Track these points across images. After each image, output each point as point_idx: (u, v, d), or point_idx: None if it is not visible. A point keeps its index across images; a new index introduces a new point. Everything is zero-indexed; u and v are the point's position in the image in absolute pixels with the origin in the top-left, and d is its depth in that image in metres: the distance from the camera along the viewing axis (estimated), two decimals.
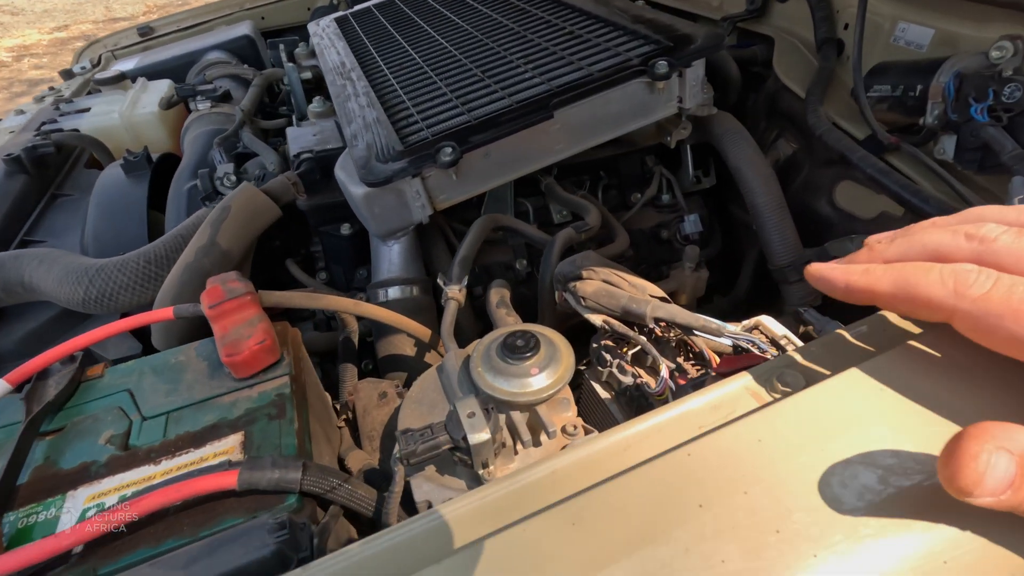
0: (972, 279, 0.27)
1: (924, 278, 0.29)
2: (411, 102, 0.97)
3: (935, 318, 0.29)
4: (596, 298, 0.75)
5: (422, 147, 0.84)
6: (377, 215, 0.85)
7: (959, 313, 0.27)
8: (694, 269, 1.06)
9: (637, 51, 0.94)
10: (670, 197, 1.27)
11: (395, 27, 1.37)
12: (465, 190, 0.90)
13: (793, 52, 1.19)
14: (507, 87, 0.94)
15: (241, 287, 0.68)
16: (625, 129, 0.94)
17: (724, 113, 1.12)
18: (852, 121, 1.01)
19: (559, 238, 0.91)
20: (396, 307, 0.90)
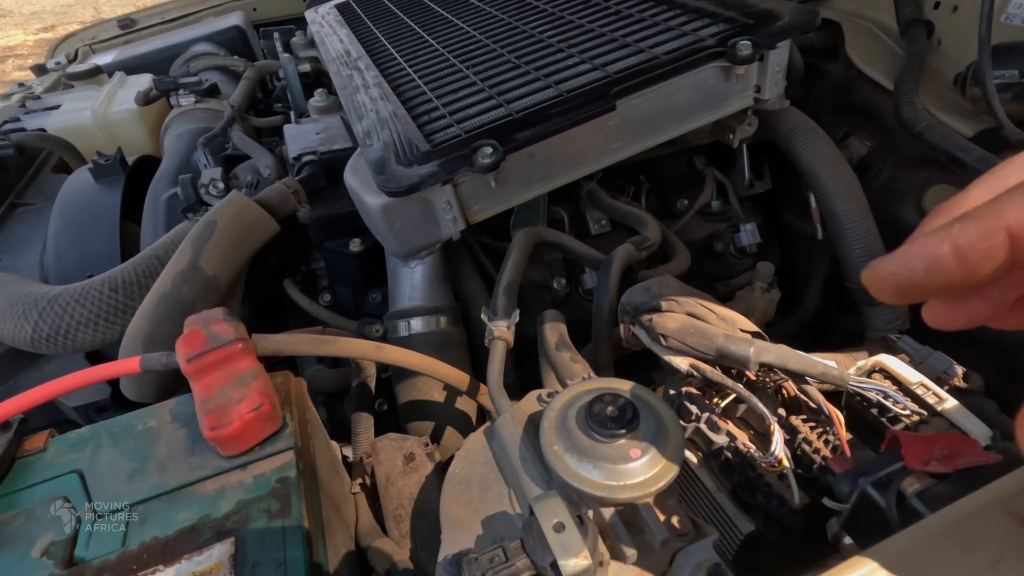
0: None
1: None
2: (434, 93, 0.81)
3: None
4: (682, 337, 0.59)
5: (455, 147, 0.67)
6: (398, 231, 0.69)
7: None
8: (766, 289, 0.90)
9: (708, 31, 0.78)
10: (721, 203, 1.11)
11: (406, 12, 1.21)
12: (505, 198, 0.74)
13: (867, 36, 1.03)
14: (551, 75, 0.78)
15: (229, 331, 0.51)
16: (693, 125, 0.78)
17: (792, 108, 0.96)
18: (954, 114, 0.86)
19: (617, 256, 0.75)
20: (421, 342, 0.74)
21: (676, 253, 0.89)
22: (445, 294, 0.77)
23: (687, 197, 1.11)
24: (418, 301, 0.75)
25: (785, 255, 1.19)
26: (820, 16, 0.75)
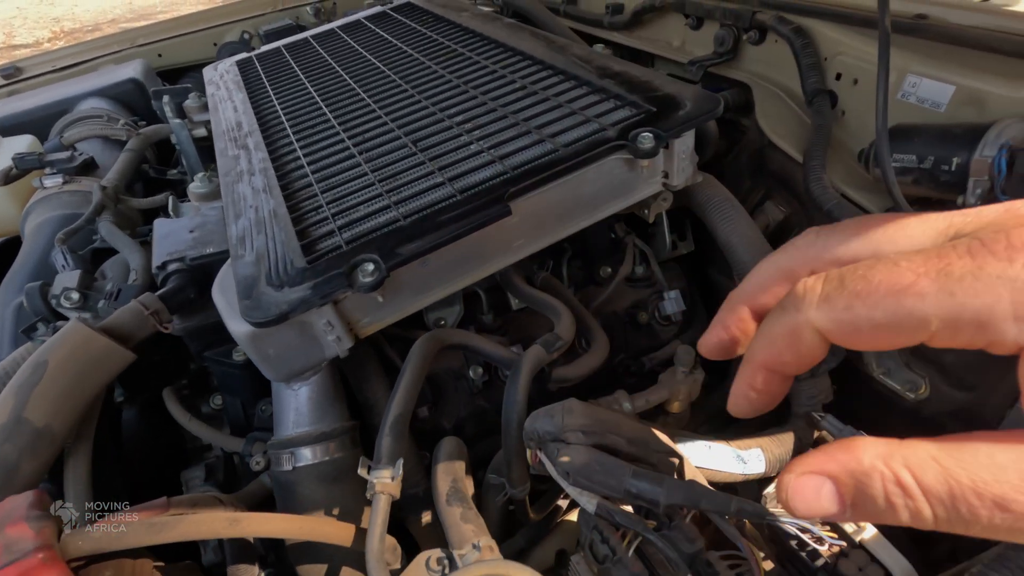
0: (801, 290, 0.24)
1: (770, 327, 0.26)
2: (320, 186, 0.74)
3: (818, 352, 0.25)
4: (588, 475, 0.54)
5: (333, 262, 0.60)
6: (273, 358, 0.61)
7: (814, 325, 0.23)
8: (689, 372, 0.87)
9: (611, 117, 0.74)
10: (645, 269, 1.08)
11: (308, 76, 1.13)
12: (398, 308, 0.67)
13: (775, 102, 1.03)
14: (448, 166, 0.72)
15: (28, 537, 0.42)
16: (600, 215, 0.74)
17: (708, 176, 0.94)
18: (860, 190, 0.85)
19: (525, 364, 0.69)
20: (308, 476, 0.65)
21: (594, 341, 0.84)
22: (337, 414, 0.69)
23: (609, 264, 1.07)
24: (304, 427, 0.66)
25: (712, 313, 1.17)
26: (722, 104, 0.72)
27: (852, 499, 0.21)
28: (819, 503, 0.21)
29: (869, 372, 0.87)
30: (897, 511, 0.20)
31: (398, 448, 0.55)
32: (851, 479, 0.21)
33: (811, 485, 0.21)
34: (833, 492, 0.21)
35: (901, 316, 0.20)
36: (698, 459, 0.75)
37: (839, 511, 0.21)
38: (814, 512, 0.22)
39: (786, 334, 0.24)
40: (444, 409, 0.92)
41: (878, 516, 0.20)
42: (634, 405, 0.84)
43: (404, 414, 0.59)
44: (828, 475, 0.21)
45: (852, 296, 0.22)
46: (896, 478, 0.20)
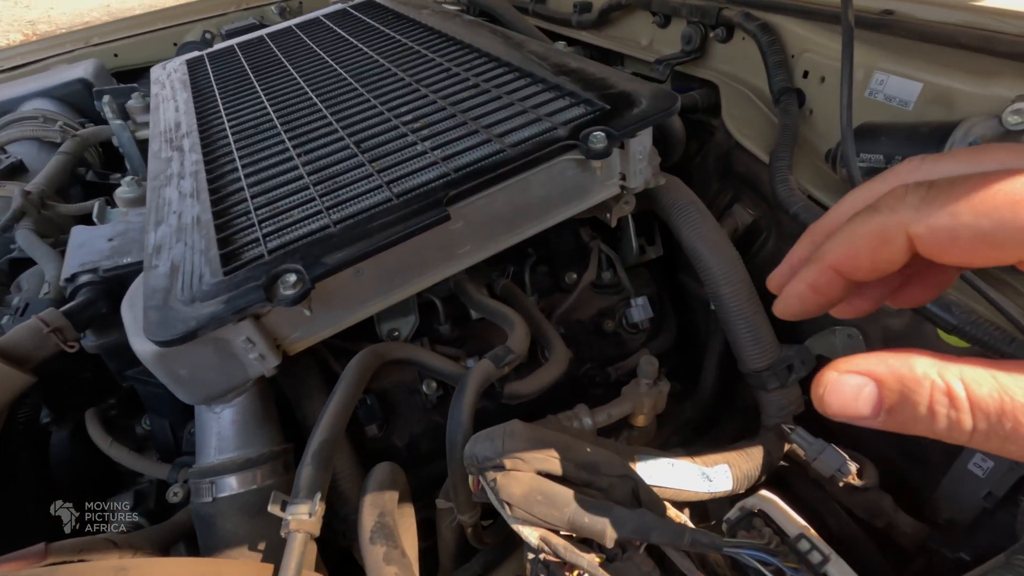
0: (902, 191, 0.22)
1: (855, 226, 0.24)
2: (253, 192, 0.68)
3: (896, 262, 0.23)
4: (529, 506, 0.49)
5: (251, 273, 0.55)
6: (186, 380, 0.55)
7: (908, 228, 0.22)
8: (652, 384, 0.82)
9: (564, 115, 0.70)
10: (611, 275, 1.04)
11: (258, 75, 1.08)
12: (331, 323, 0.61)
13: (743, 102, 1.00)
14: (388, 168, 0.67)
15: None
16: (553, 220, 0.69)
17: (673, 179, 0.90)
18: (828, 191, 0.81)
19: (472, 378, 0.64)
20: (230, 508, 0.59)
21: (552, 353, 0.79)
22: (266, 438, 0.63)
23: (575, 270, 1.03)
24: (228, 453, 0.60)
25: (684, 318, 1.13)
26: (679, 102, 0.68)
27: (891, 405, 0.21)
28: (855, 404, 0.21)
29: None
30: (936, 420, 0.20)
31: (320, 479, 0.50)
32: (898, 384, 0.20)
33: (853, 384, 0.21)
34: (873, 395, 0.21)
35: (1013, 228, 0.19)
36: (660, 478, 0.70)
37: (871, 415, 0.21)
38: (846, 413, 0.21)
39: (872, 234, 0.23)
40: (396, 426, 0.86)
41: (912, 425, 0.21)
42: (595, 420, 0.79)
43: (331, 440, 0.53)
44: (875, 377, 0.21)
45: (960, 201, 0.20)
46: (948, 388, 0.20)
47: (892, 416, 0.21)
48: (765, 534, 0.52)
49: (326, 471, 0.51)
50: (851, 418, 0.22)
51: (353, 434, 0.83)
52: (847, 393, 0.21)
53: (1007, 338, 0.59)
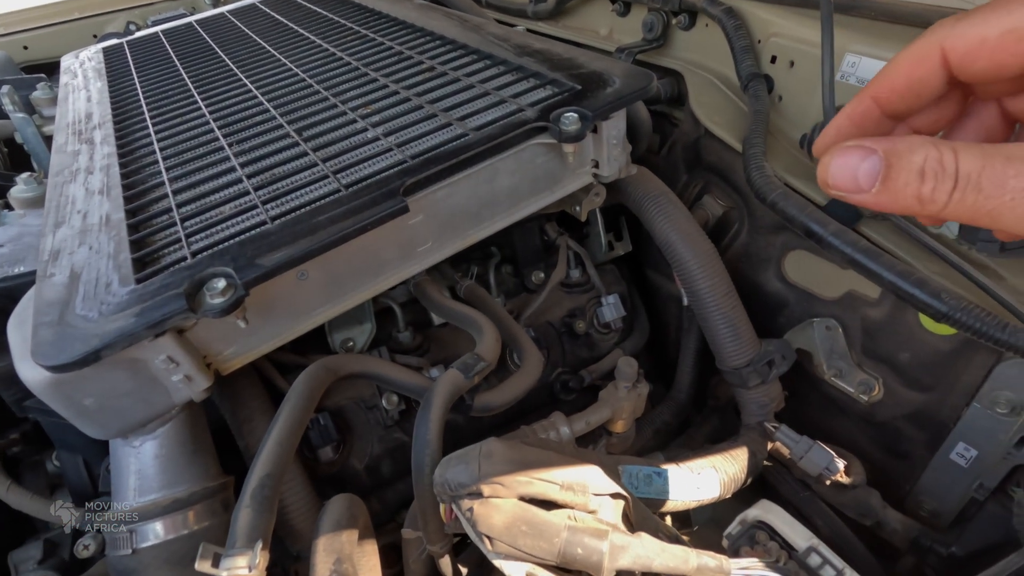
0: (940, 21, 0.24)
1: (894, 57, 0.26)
2: (175, 187, 0.59)
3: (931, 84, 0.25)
4: (512, 539, 0.42)
5: (169, 280, 0.46)
6: (94, 410, 0.46)
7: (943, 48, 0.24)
8: (632, 387, 0.77)
9: (530, 97, 0.63)
10: (580, 273, 0.98)
11: (185, 62, 0.97)
12: (272, 335, 0.53)
13: (710, 90, 0.96)
14: (334, 157, 0.59)
15: None
16: (522, 212, 0.63)
17: (642, 170, 0.85)
18: (804, 179, 0.78)
19: (438, 391, 0.57)
20: (156, 560, 0.50)
21: (525, 359, 0.73)
22: (198, 472, 0.53)
23: (542, 269, 0.97)
24: (151, 494, 0.51)
25: (655, 317, 1.09)
26: (655, 80, 0.63)
27: (886, 174, 0.22)
28: (855, 176, 0.23)
29: (820, 375, 0.81)
30: (924, 181, 0.22)
31: (262, 523, 0.42)
32: (894, 156, 0.22)
33: (856, 155, 0.23)
34: (874, 167, 0.22)
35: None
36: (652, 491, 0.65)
37: (867, 186, 0.23)
38: (846, 184, 0.23)
39: (908, 56, 0.24)
40: (354, 447, 0.78)
41: (902, 193, 0.22)
42: (573, 429, 0.73)
43: (274, 474, 0.45)
44: (876, 146, 0.23)
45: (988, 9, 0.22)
46: (939, 156, 0.22)
47: (885, 185, 0.22)
48: (772, 550, 0.47)
49: (269, 512, 0.43)
50: (849, 190, 0.23)
51: (305, 458, 0.75)
52: (850, 163, 0.23)
53: (1000, 324, 0.57)
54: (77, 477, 0.64)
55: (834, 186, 0.23)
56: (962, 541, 0.69)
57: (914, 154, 0.22)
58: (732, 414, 0.95)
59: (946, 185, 0.21)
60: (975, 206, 0.21)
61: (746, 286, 0.85)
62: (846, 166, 0.23)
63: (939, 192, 0.22)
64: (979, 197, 0.21)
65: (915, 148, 0.22)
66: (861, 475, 0.74)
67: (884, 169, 0.22)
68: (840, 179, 0.23)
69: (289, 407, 0.50)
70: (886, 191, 0.22)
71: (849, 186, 0.23)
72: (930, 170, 0.22)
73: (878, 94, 0.26)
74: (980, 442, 0.67)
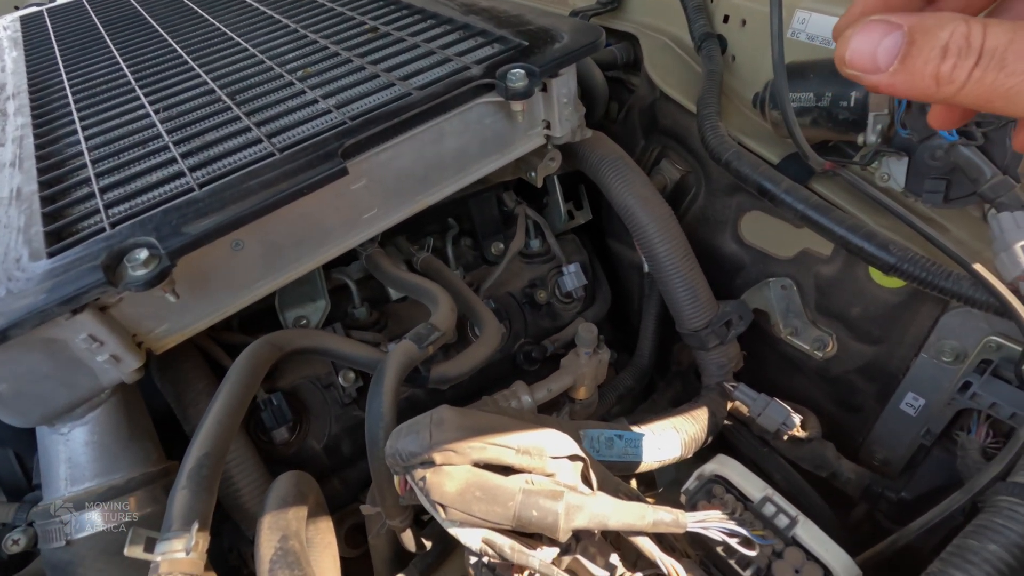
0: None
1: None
2: (94, 156, 0.55)
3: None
4: (466, 506, 0.41)
5: (86, 252, 0.42)
6: (9, 396, 0.42)
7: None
8: (592, 353, 0.77)
9: (476, 55, 0.61)
10: (540, 243, 0.97)
11: (110, 29, 0.90)
12: (209, 310, 0.50)
13: (665, 52, 0.95)
14: (268, 121, 0.55)
15: None
16: (470, 176, 0.61)
17: (598, 134, 0.84)
18: (757, 138, 0.78)
19: (391, 363, 0.55)
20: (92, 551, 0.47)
21: (483, 329, 0.71)
22: (136, 457, 0.50)
23: (501, 240, 0.95)
24: (84, 483, 0.48)
25: (617, 285, 1.09)
26: (603, 35, 0.61)
27: (906, 51, 0.21)
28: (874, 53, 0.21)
29: (776, 334, 0.82)
30: (945, 58, 0.20)
31: (199, 504, 0.39)
32: (919, 31, 0.21)
33: (879, 30, 0.21)
34: (895, 43, 0.21)
35: None
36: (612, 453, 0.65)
37: (885, 63, 0.21)
38: (864, 61, 0.22)
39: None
40: (311, 427, 0.75)
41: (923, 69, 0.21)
42: (535, 397, 0.72)
43: (214, 453, 0.42)
44: (901, 22, 0.21)
45: None
46: (967, 31, 0.20)
47: (904, 64, 0.21)
48: (728, 502, 0.48)
49: (208, 494, 0.40)
50: (866, 69, 0.22)
51: (260, 441, 0.72)
52: (873, 36, 0.21)
53: (944, 273, 0.58)
54: (8, 471, 0.60)
55: (850, 64, 0.22)
56: (911, 486, 0.71)
57: (942, 30, 0.20)
58: (694, 378, 0.96)
59: (967, 62, 0.20)
60: (993, 85, 0.20)
61: (704, 249, 0.85)
62: (867, 41, 0.21)
63: (959, 70, 0.20)
64: (1000, 75, 0.20)
65: (944, 23, 0.20)
66: (816, 429, 0.76)
67: (906, 46, 0.21)
68: (858, 56, 0.22)
69: (229, 384, 0.48)
70: (904, 70, 0.21)
71: (867, 64, 0.22)
72: (954, 46, 0.20)
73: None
74: (927, 391, 0.69)
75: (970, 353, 0.64)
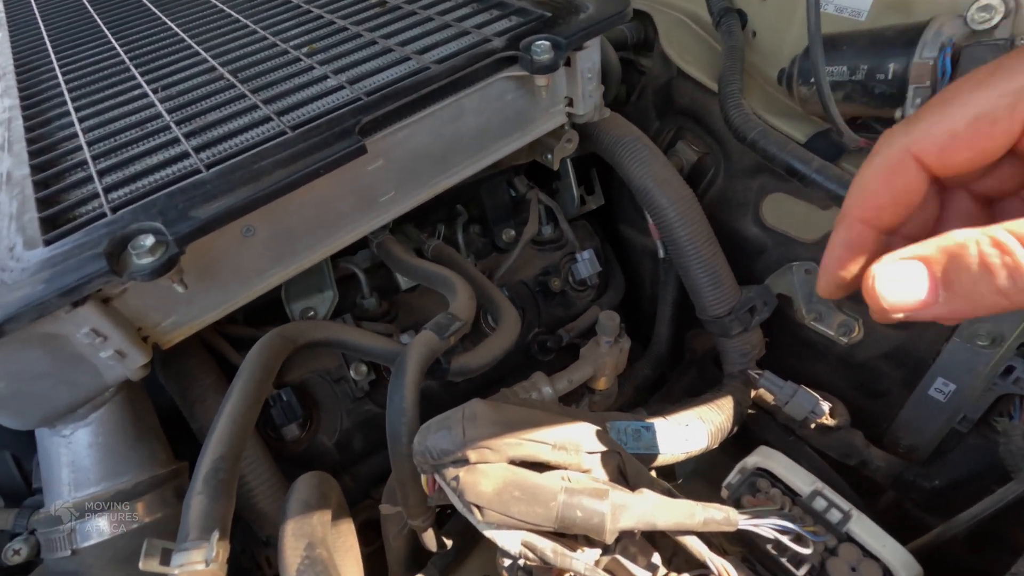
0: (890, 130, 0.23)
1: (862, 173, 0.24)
2: (90, 137, 0.51)
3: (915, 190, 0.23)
4: (504, 507, 0.38)
5: (87, 239, 0.39)
6: (7, 396, 0.39)
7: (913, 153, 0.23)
8: (613, 341, 0.74)
9: (496, 27, 0.57)
10: (553, 229, 0.94)
11: (97, 7, 0.86)
12: (217, 301, 0.47)
13: (681, 29, 0.91)
14: (276, 99, 0.52)
15: None
16: (490, 157, 0.58)
17: (614, 115, 0.80)
18: (783, 117, 0.75)
19: (411, 354, 0.52)
20: (100, 560, 0.44)
21: (502, 319, 0.68)
22: (144, 459, 0.47)
23: (513, 227, 0.92)
24: (89, 488, 0.45)
25: (629, 272, 1.06)
26: (631, 4, 0.57)
27: (944, 275, 0.21)
28: (913, 290, 0.21)
29: (799, 320, 0.79)
30: (995, 275, 0.20)
31: (218, 510, 0.36)
32: (944, 255, 0.21)
33: (904, 269, 0.21)
34: (926, 274, 0.21)
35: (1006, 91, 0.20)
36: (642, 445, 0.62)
37: (930, 297, 0.21)
38: (906, 302, 0.21)
39: (880, 170, 0.23)
40: (322, 423, 0.73)
41: (974, 292, 0.20)
42: (555, 388, 0.70)
43: (229, 455, 0.39)
44: (922, 257, 0.21)
45: (944, 102, 0.22)
46: (993, 239, 0.20)
47: (951, 290, 0.21)
48: (775, 497, 0.45)
49: (226, 498, 0.37)
50: (911, 309, 0.21)
51: (269, 438, 0.69)
52: (902, 277, 0.21)
53: None
54: (7, 475, 0.56)
55: (897, 309, 0.21)
56: (943, 473, 0.70)
57: (967, 249, 0.20)
58: (710, 365, 0.94)
59: (1019, 258, 0.19)
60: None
61: (723, 233, 0.82)
62: (900, 285, 0.21)
63: (1019, 275, 0.19)
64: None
65: (964, 243, 0.20)
66: (845, 416, 0.74)
67: (942, 277, 0.21)
68: (899, 300, 0.21)
69: (242, 381, 0.45)
70: (956, 296, 0.20)
71: (913, 304, 0.21)
72: (994, 259, 0.19)
73: (865, 215, 0.23)
74: (960, 376, 0.67)
75: (1008, 337, 0.62)
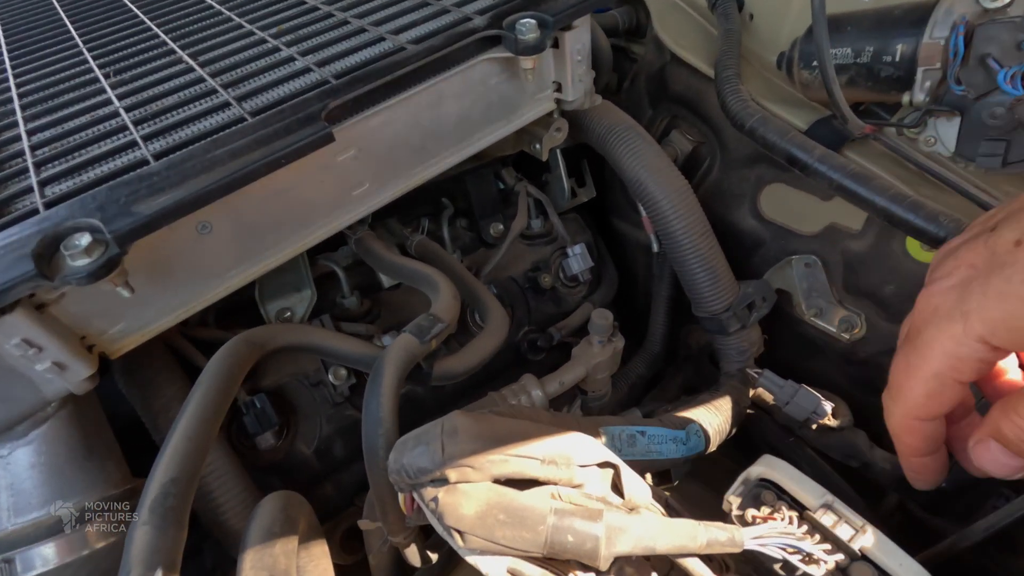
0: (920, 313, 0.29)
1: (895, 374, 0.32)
2: (29, 127, 0.46)
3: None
4: (488, 532, 0.35)
5: (10, 242, 0.34)
6: None
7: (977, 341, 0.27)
8: (606, 341, 0.70)
9: (476, 4, 0.53)
10: (543, 223, 0.90)
11: None
12: (172, 305, 0.42)
13: (674, 12, 0.88)
14: (240, 82, 0.47)
15: None
16: (472, 147, 0.53)
17: (605, 102, 0.76)
18: (782, 103, 0.72)
19: (389, 359, 0.48)
20: None
21: (488, 318, 0.64)
22: (94, 478, 0.43)
23: (500, 221, 0.88)
24: (31, 512, 0.40)
25: (621, 267, 1.02)
26: None
27: (1020, 447, 0.25)
28: (1002, 463, 0.26)
29: (799, 316, 0.76)
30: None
31: (165, 542, 0.32)
32: (1012, 432, 0.25)
33: (987, 449, 0.27)
34: (1003, 449, 0.26)
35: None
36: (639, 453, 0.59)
37: (1019, 462, 0.26)
38: (1008, 471, 0.27)
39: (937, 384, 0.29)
40: (299, 430, 0.68)
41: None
42: (546, 392, 0.66)
43: (181, 479, 0.35)
44: (992, 436, 0.26)
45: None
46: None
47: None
48: (781, 511, 0.42)
49: (176, 528, 0.33)
50: (1016, 469, 0.26)
51: (243, 447, 0.65)
52: (989, 458, 0.27)
53: None
54: None
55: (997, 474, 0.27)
56: (950, 475, 0.67)
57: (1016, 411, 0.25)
58: (705, 361, 0.90)
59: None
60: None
61: (719, 225, 0.79)
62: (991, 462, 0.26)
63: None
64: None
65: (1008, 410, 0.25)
66: (847, 416, 0.70)
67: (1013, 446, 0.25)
68: (997, 470, 0.26)
69: (200, 393, 0.40)
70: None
71: (1010, 471, 0.26)
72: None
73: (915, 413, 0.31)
74: None
75: None
